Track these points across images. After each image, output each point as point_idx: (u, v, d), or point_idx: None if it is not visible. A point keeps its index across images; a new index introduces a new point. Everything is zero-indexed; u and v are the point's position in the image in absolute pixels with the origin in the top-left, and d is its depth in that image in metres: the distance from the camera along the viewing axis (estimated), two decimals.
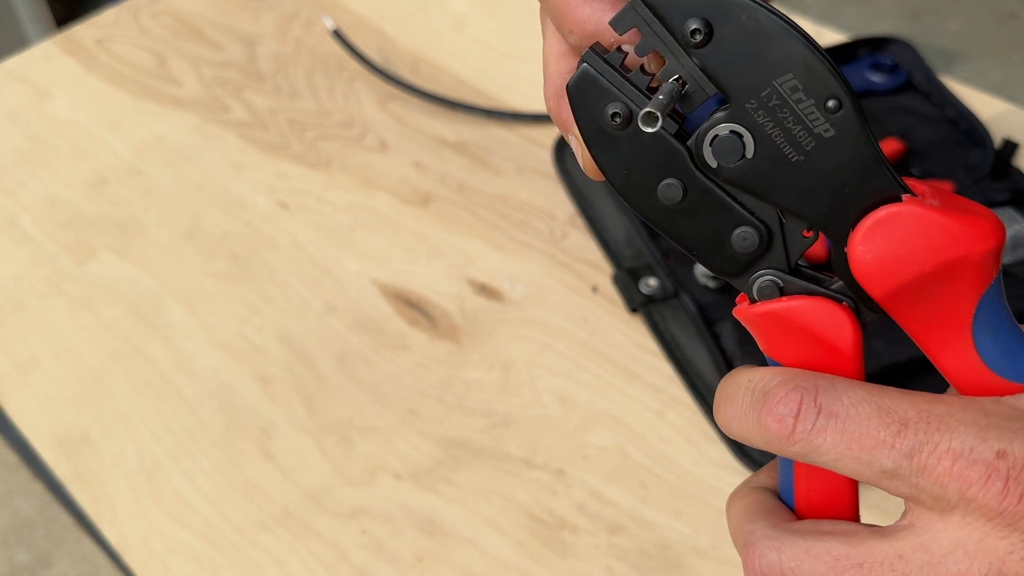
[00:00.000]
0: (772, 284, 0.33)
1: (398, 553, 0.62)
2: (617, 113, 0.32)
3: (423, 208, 0.81)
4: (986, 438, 0.30)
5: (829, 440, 0.31)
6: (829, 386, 0.32)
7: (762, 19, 0.30)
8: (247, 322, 0.74)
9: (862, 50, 0.87)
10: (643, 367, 0.70)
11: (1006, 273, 0.68)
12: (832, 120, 0.30)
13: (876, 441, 0.31)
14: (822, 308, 0.33)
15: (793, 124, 0.31)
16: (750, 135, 0.31)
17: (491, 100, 0.90)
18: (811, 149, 0.31)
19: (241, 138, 0.88)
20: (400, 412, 0.68)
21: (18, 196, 0.85)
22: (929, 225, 0.31)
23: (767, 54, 0.30)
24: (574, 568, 0.60)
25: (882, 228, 0.31)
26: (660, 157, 0.32)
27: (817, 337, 0.33)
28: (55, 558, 1.56)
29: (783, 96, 0.30)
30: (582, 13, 0.33)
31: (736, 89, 0.31)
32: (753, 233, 0.33)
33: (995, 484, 0.29)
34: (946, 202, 0.31)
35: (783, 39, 0.30)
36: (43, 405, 0.71)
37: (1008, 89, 2.16)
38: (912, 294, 0.32)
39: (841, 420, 0.31)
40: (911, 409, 0.31)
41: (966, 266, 0.31)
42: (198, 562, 0.62)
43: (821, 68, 0.30)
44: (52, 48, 0.99)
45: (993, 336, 0.33)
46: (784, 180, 0.32)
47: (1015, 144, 0.77)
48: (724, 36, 0.30)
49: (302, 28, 0.99)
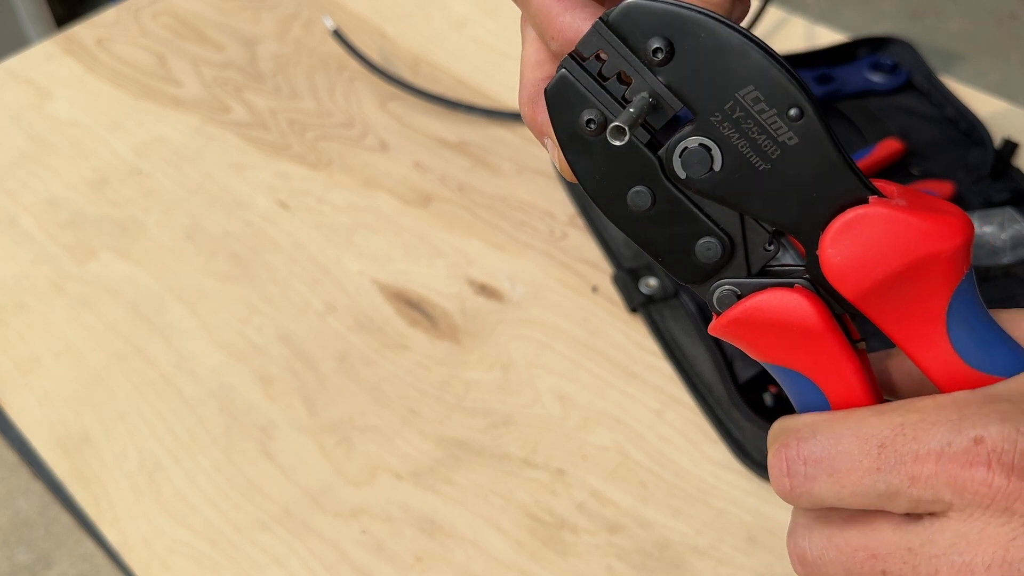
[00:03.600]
0: (730, 293, 0.34)
1: (398, 553, 0.62)
2: (592, 120, 0.32)
3: (423, 208, 0.81)
4: (961, 429, 0.30)
5: (823, 485, 0.32)
6: (809, 433, 0.33)
7: (721, 34, 0.30)
8: (247, 322, 0.74)
9: (862, 50, 0.87)
10: (643, 367, 0.70)
11: (1006, 273, 0.68)
12: (795, 128, 0.31)
13: (863, 470, 0.31)
14: (774, 299, 0.33)
15: (758, 134, 0.31)
16: (717, 148, 0.32)
17: (491, 100, 0.90)
18: (776, 157, 0.32)
19: (241, 138, 0.88)
20: (400, 412, 0.68)
21: (19, 196, 0.85)
22: (896, 225, 0.31)
23: (727, 68, 0.31)
24: (574, 568, 0.60)
25: (850, 230, 0.32)
26: (631, 165, 0.33)
27: (783, 327, 0.34)
28: (55, 558, 1.56)
29: (746, 107, 0.31)
30: (563, 21, 0.34)
31: (701, 103, 0.31)
32: (716, 244, 0.33)
33: (978, 471, 0.30)
34: (913, 201, 0.32)
35: (742, 52, 0.30)
36: (43, 405, 0.71)
37: (1008, 89, 2.16)
38: (884, 293, 0.32)
39: (826, 463, 0.32)
40: (885, 428, 0.31)
41: (936, 263, 0.32)
42: (198, 562, 0.62)
43: (780, 78, 0.30)
44: (52, 48, 0.99)
45: (968, 330, 0.33)
46: (752, 188, 0.32)
47: (1015, 144, 0.77)
48: (685, 53, 0.31)
49: (302, 28, 0.99)
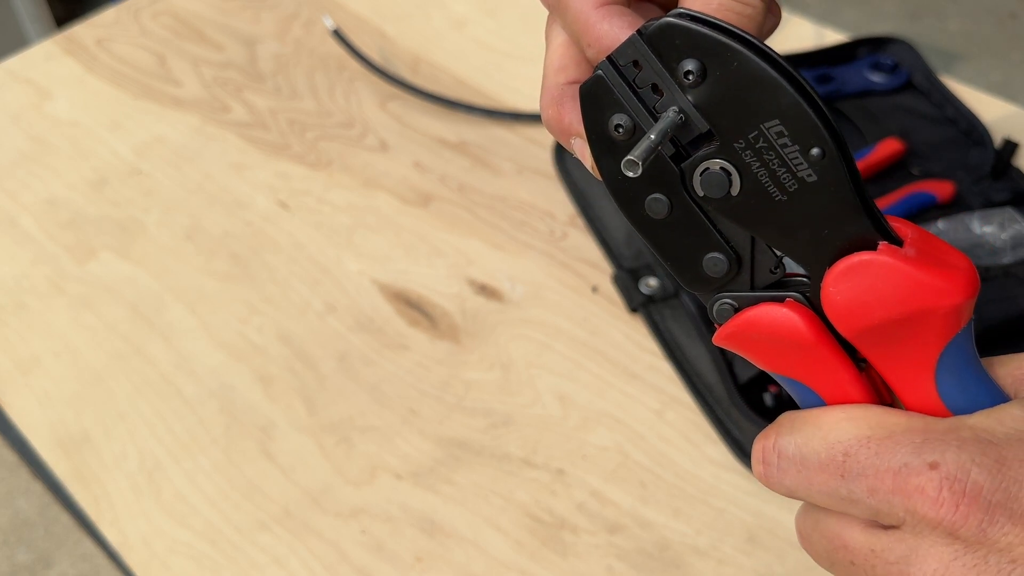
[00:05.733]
0: (728, 307, 0.35)
1: (398, 553, 0.62)
2: (620, 126, 0.33)
3: (423, 208, 0.81)
4: (920, 452, 0.32)
5: (793, 479, 0.34)
6: (788, 428, 0.35)
7: (752, 67, 0.30)
8: (247, 322, 0.74)
9: (862, 50, 0.87)
10: (643, 367, 0.70)
11: (1006, 273, 0.68)
12: (815, 166, 0.31)
13: (828, 474, 0.33)
14: (765, 313, 0.34)
15: (778, 166, 0.31)
16: (737, 173, 0.32)
17: (491, 100, 0.90)
18: (794, 191, 0.32)
19: (241, 138, 0.88)
20: (400, 412, 0.68)
21: (19, 196, 0.85)
22: (898, 276, 0.31)
23: (756, 99, 0.31)
24: (574, 568, 0.60)
25: (853, 274, 0.32)
26: (654, 173, 0.33)
27: (777, 339, 0.34)
28: (55, 558, 1.56)
29: (770, 139, 0.31)
30: (601, 29, 0.35)
31: (726, 128, 0.32)
32: (723, 260, 0.34)
33: (928, 495, 0.31)
34: (924, 251, 0.32)
35: (772, 87, 0.30)
36: (43, 405, 0.71)
37: (1008, 89, 2.16)
38: (879, 335, 0.33)
39: (796, 461, 0.34)
40: (852, 439, 0.33)
41: (932, 317, 0.32)
42: (198, 562, 0.62)
43: (807, 117, 0.30)
44: (52, 48, 0.99)
45: (956, 380, 0.33)
46: (766, 217, 0.32)
47: (1015, 144, 0.77)
48: (717, 78, 0.31)
49: (302, 28, 0.99)
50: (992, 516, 0.30)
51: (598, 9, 0.35)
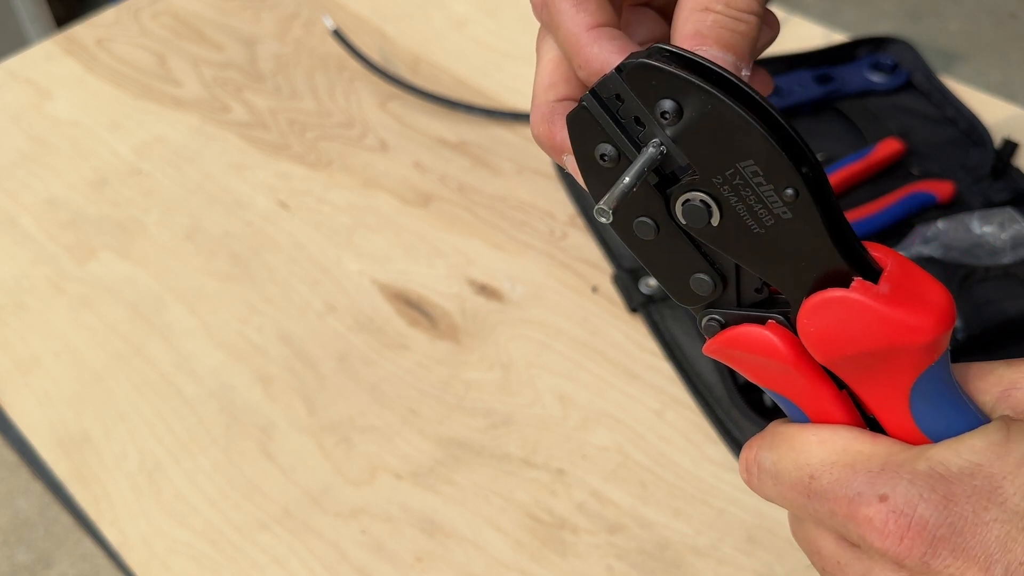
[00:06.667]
0: (715, 323, 0.36)
1: (398, 553, 0.62)
2: (605, 155, 0.33)
3: (423, 208, 0.81)
4: (874, 483, 0.33)
5: (770, 490, 0.37)
6: (768, 445, 0.37)
7: (725, 109, 0.31)
8: (247, 322, 0.74)
9: (862, 50, 0.87)
10: (643, 367, 0.70)
11: (1006, 273, 0.68)
12: (789, 206, 0.32)
13: (796, 492, 0.35)
14: (746, 334, 0.35)
15: (755, 202, 0.32)
16: (716, 206, 0.33)
17: (491, 100, 0.90)
18: (770, 226, 0.32)
19: (241, 138, 0.88)
20: (400, 412, 0.68)
21: (19, 196, 0.85)
22: (868, 314, 0.32)
23: (730, 140, 0.31)
24: (574, 568, 0.60)
25: (825, 309, 0.33)
26: (640, 198, 0.34)
27: (758, 358, 0.36)
28: (55, 558, 1.56)
29: (746, 177, 0.32)
30: (591, 52, 0.35)
31: (704, 164, 0.32)
32: (709, 281, 0.35)
33: (875, 526, 0.33)
34: (899, 285, 0.32)
35: (745, 129, 0.31)
36: (43, 405, 0.71)
37: (1008, 89, 2.16)
38: (852, 365, 0.34)
39: (771, 475, 0.36)
40: (819, 463, 0.35)
41: (904, 352, 0.33)
42: (198, 562, 0.62)
43: (780, 159, 0.31)
44: (52, 48, 0.99)
45: (930, 407, 0.34)
46: (746, 246, 0.33)
47: (1015, 144, 0.77)
48: (692, 118, 0.31)
49: (302, 28, 0.99)
50: (935, 549, 0.32)
51: (589, 31, 0.35)
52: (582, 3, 0.36)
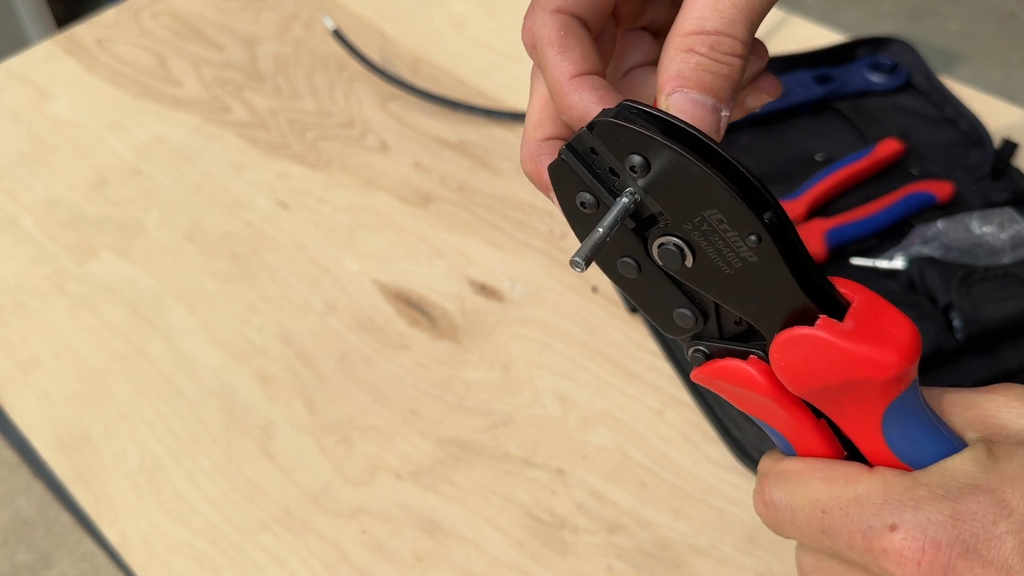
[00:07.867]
0: (700, 355, 0.38)
1: (398, 553, 0.62)
2: (584, 203, 0.36)
3: (423, 208, 0.81)
4: (881, 514, 0.34)
5: (788, 529, 0.38)
6: (775, 482, 0.38)
7: (687, 164, 0.33)
8: (248, 322, 0.74)
9: (862, 50, 0.87)
10: (643, 367, 0.70)
11: (1006, 273, 0.68)
12: (753, 251, 0.34)
13: (810, 527, 0.36)
14: (728, 367, 0.37)
15: (723, 247, 0.34)
16: (689, 249, 0.35)
17: (491, 100, 0.90)
18: (739, 268, 0.34)
19: (242, 138, 0.88)
20: (400, 412, 0.68)
21: (19, 196, 0.85)
22: (832, 351, 0.34)
23: (695, 191, 0.33)
24: (574, 568, 0.60)
25: (792, 346, 0.35)
26: (621, 240, 0.36)
27: (741, 390, 0.37)
28: (56, 558, 1.56)
29: (711, 224, 0.34)
30: (572, 100, 0.37)
31: (674, 212, 0.34)
32: (690, 315, 0.37)
33: (891, 556, 0.34)
34: (864, 322, 0.34)
35: (706, 182, 0.33)
36: (44, 405, 0.71)
37: (1008, 89, 2.16)
38: (824, 396, 0.36)
39: (784, 511, 0.37)
40: (829, 499, 0.36)
41: (870, 385, 0.34)
42: (198, 562, 0.62)
43: (742, 209, 0.33)
44: (53, 48, 0.99)
45: (903, 435, 0.36)
46: (719, 285, 0.35)
47: (1015, 144, 0.77)
48: (660, 171, 0.33)
49: (302, 28, 0.99)
50: (954, 568, 0.33)
51: (571, 80, 0.36)
52: (566, 51, 0.37)
